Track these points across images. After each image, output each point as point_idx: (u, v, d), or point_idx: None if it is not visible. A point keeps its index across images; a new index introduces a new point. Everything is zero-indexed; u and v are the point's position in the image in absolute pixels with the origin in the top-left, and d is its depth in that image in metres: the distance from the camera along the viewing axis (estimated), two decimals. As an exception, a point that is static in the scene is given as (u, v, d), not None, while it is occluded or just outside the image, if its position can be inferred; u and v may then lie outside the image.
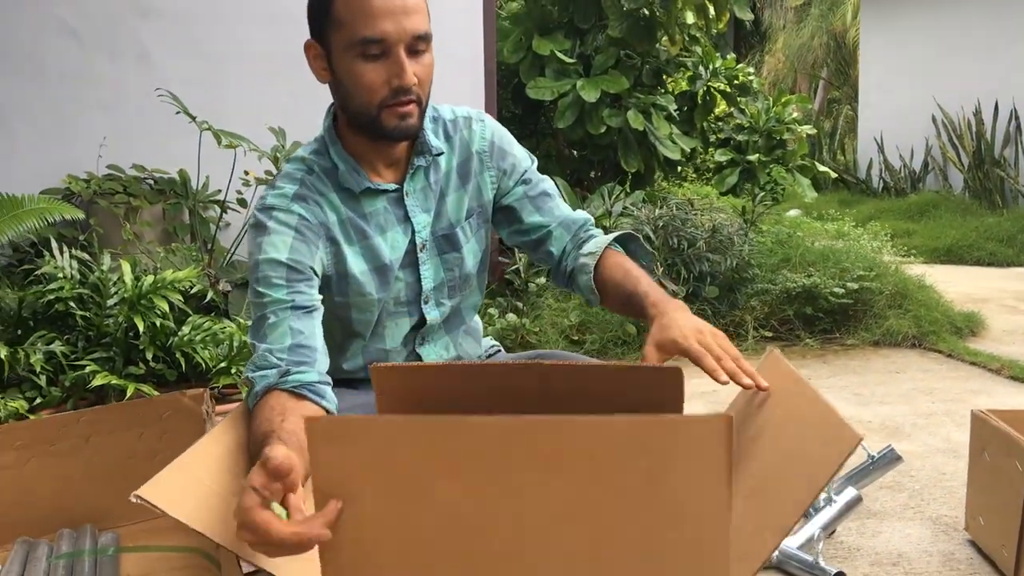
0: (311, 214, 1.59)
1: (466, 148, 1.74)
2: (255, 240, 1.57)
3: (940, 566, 2.03)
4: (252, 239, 1.59)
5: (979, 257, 7.15)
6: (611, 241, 1.73)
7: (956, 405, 3.28)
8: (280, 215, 1.57)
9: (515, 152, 1.80)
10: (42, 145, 4.12)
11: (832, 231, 5.05)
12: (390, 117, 1.53)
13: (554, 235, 1.77)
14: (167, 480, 1.24)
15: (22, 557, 1.85)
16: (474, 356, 1.83)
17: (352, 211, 1.63)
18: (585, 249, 1.73)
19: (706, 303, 4.30)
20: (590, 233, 1.78)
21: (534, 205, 1.78)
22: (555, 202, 1.81)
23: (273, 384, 1.43)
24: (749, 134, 6.59)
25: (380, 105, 1.52)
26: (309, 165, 1.64)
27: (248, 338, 1.60)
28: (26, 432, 1.97)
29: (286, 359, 1.46)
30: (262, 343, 1.49)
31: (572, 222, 1.78)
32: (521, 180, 1.79)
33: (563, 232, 1.78)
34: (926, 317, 4.38)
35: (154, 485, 1.20)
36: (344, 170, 1.62)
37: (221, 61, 4.37)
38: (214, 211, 4.25)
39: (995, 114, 9.16)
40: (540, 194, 1.80)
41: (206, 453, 1.37)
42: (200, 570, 1.84)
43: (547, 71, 5.46)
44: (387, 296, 1.66)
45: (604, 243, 1.71)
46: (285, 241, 1.55)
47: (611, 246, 1.73)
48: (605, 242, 1.72)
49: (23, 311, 3.10)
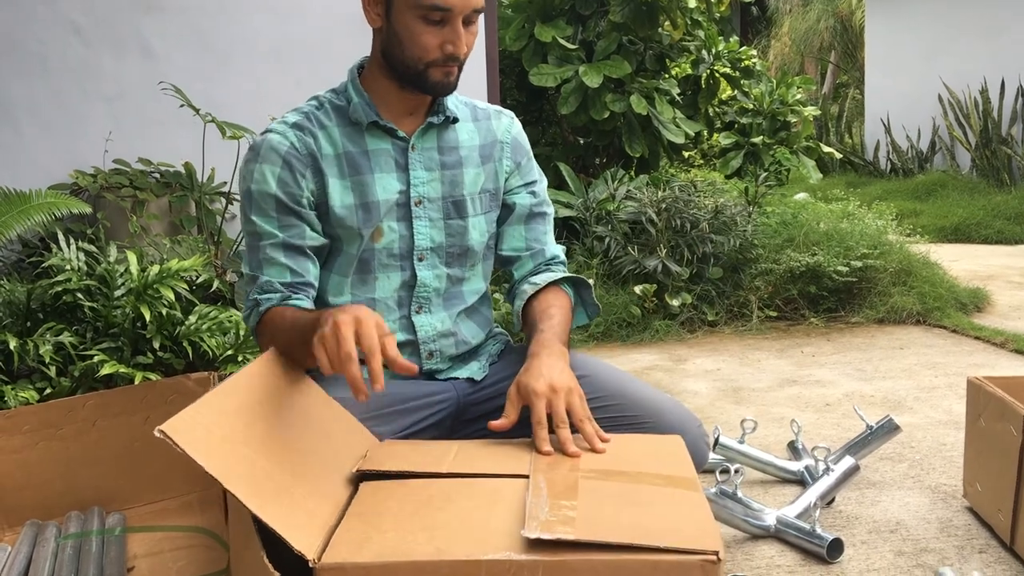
0: (302, 144, 1.69)
1: (491, 134, 1.85)
2: (247, 165, 1.70)
3: (938, 532, 2.05)
4: (245, 163, 1.71)
5: (987, 235, 7.13)
6: (562, 281, 1.84)
7: (959, 379, 3.29)
8: (274, 140, 1.69)
9: (532, 159, 1.92)
10: (48, 140, 4.16)
11: (837, 211, 5.04)
12: (436, 73, 1.65)
13: (520, 261, 1.88)
14: (190, 419, 1.26)
15: (31, 539, 1.89)
16: (473, 341, 1.86)
17: (353, 146, 1.72)
18: (533, 279, 1.84)
19: (710, 284, 4.32)
20: (548, 267, 1.88)
21: (527, 225, 1.88)
22: (546, 227, 1.92)
23: (276, 304, 1.64)
24: (753, 117, 6.58)
25: (429, 63, 1.63)
26: (321, 101, 1.76)
27: (243, 265, 1.74)
28: (33, 417, 2.01)
29: (287, 288, 1.66)
30: (261, 274, 1.68)
31: (541, 254, 1.88)
32: (529, 188, 1.89)
33: (529, 261, 1.88)
34: (931, 294, 4.38)
35: (176, 423, 1.23)
36: (357, 103, 1.72)
37: (224, 53, 4.40)
38: (220, 203, 4.28)
39: (1001, 92, 9.12)
40: (541, 214, 1.90)
41: (230, 396, 1.39)
42: (206, 549, 1.88)
43: (549, 58, 5.47)
44: (368, 231, 1.72)
45: (549, 279, 1.83)
46: (274, 171, 1.67)
47: (561, 286, 1.84)
48: (551, 279, 1.83)
49: (32, 303, 3.13)
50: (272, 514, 1.20)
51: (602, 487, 1.33)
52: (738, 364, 3.66)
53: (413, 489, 1.36)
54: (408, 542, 1.18)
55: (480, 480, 1.38)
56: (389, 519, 1.26)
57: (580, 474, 1.37)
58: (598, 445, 1.48)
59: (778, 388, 3.30)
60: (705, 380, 3.44)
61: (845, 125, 12.35)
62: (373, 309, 1.73)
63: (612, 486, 1.34)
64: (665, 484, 1.36)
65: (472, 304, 1.86)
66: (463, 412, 1.80)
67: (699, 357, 3.80)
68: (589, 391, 1.70)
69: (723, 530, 2.00)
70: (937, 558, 1.92)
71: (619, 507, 1.26)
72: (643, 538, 1.15)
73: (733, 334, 4.18)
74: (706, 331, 4.23)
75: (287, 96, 4.32)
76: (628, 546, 1.14)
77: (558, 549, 1.14)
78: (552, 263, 1.89)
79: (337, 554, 1.16)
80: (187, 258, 3.44)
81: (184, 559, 1.85)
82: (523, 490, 1.32)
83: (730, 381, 3.41)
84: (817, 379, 3.40)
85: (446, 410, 1.78)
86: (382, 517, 1.27)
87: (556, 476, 1.37)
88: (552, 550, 1.14)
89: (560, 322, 1.73)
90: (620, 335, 4.09)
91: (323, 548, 1.18)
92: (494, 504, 1.29)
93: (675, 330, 4.16)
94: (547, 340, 1.66)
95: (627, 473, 1.39)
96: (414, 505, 1.29)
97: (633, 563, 1.13)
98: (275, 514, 1.21)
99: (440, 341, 1.81)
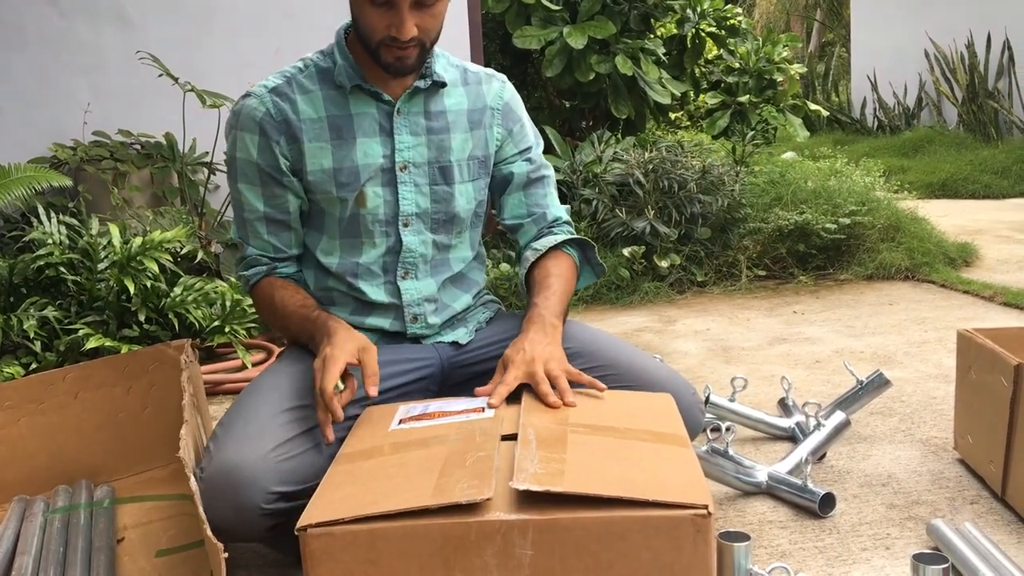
0: (277, 109, 1.70)
1: (480, 99, 1.82)
2: (230, 131, 1.74)
3: (929, 484, 2.04)
4: (228, 127, 1.75)
5: (974, 190, 7.11)
6: (564, 243, 1.84)
7: (948, 333, 3.29)
8: (250, 107, 1.71)
9: (525, 123, 1.89)
10: (25, 114, 4.11)
11: (825, 169, 5.01)
12: (386, 54, 1.63)
13: (524, 228, 1.87)
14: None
15: (19, 514, 1.87)
16: (458, 307, 1.85)
17: (336, 109, 1.71)
18: (535, 244, 1.84)
19: (699, 244, 4.30)
20: (552, 230, 1.87)
21: (526, 191, 1.87)
22: (547, 190, 1.90)
23: (264, 274, 1.77)
24: (739, 75, 6.54)
25: (378, 43, 1.61)
26: (306, 63, 1.75)
27: (232, 230, 1.84)
28: (13, 392, 1.99)
29: (272, 258, 1.77)
30: (248, 245, 1.78)
31: (543, 218, 1.87)
32: (524, 155, 1.87)
33: (532, 226, 1.87)
34: (919, 249, 4.37)
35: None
36: (342, 65, 1.70)
37: (201, 21, 4.34)
38: (202, 173, 4.24)
39: (988, 46, 9.08)
40: (540, 179, 1.89)
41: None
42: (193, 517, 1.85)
43: (533, 19, 5.40)
44: (349, 196, 1.72)
45: (551, 243, 1.83)
46: (253, 139, 1.70)
47: (563, 248, 1.84)
48: (553, 242, 1.83)
49: (14, 278, 3.10)
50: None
51: (591, 441, 1.33)
52: (728, 323, 3.65)
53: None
54: (394, 500, 1.17)
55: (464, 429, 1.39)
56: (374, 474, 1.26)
57: (569, 428, 1.37)
58: (567, 398, 1.49)
59: (768, 346, 3.29)
60: (695, 340, 3.43)
61: (832, 83, 12.30)
62: (357, 274, 1.75)
63: (601, 440, 1.33)
64: (655, 440, 1.35)
65: (459, 271, 1.85)
66: (448, 376, 1.79)
67: (689, 317, 3.79)
68: (584, 362, 1.70)
69: (715, 487, 1.99)
70: (929, 510, 1.92)
71: (607, 461, 1.26)
72: (633, 491, 1.14)
73: (722, 294, 4.17)
74: (695, 292, 4.21)
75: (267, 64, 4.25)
76: (618, 500, 1.13)
77: (547, 506, 1.13)
78: (555, 225, 1.88)
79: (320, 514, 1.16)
80: (170, 230, 3.41)
81: (174, 528, 1.84)
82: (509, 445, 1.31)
83: (720, 340, 3.40)
84: (807, 336, 3.39)
85: (430, 373, 1.77)
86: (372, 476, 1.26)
87: (544, 428, 1.36)
88: (541, 507, 1.13)
89: (556, 291, 1.73)
90: (609, 297, 4.07)
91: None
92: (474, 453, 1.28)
93: (664, 291, 4.14)
94: (537, 315, 1.67)
95: (616, 428, 1.38)
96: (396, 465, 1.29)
97: (624, 519, 1.13)
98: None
99: (425, 305, 1.80)
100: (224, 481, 1.44)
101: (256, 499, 1.44)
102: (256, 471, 1.44)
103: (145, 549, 1.76)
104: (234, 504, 1.43)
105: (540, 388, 1.50)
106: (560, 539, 1.12)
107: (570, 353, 1.69)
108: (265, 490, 1.44)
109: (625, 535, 1.12)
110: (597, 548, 1.12)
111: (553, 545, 1.12)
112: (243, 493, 1.43)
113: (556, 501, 1.13)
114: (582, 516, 1.12)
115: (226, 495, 1.43)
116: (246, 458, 1.45)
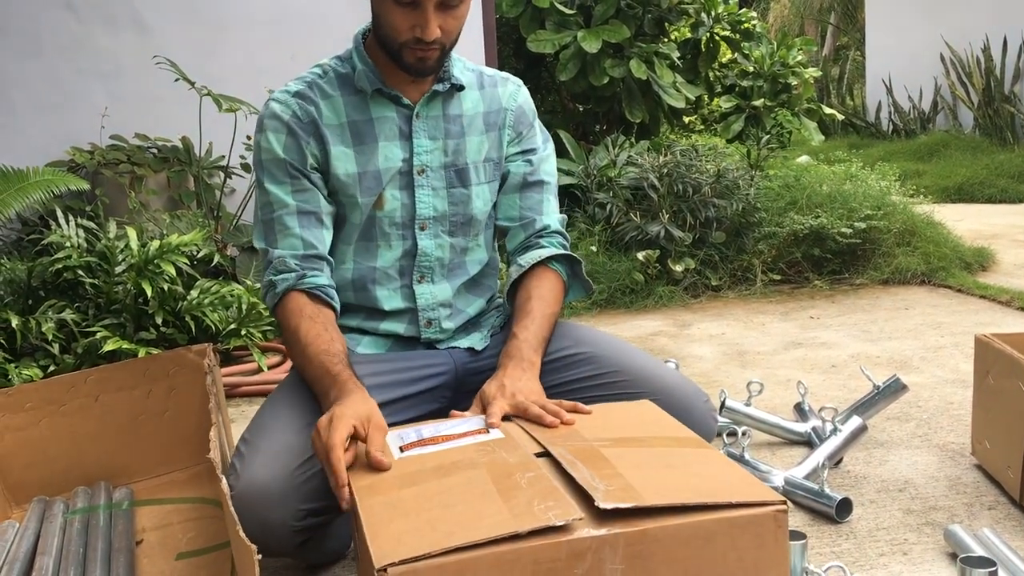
0: (303, 111, 1.70)
1: (496, 101, 1.83)
2: (256, 139, 1.72)
3: (947, 490, 2.04)
4: (255, 138, 1.74)
5: (990, 194, 7.07)
6: (550, 259, 1.80)
7: (965, 337, 3.28)
8: (276, 109, 1.70)
9: (535, 129, 1.89)
10: (43, 118, 4.14)
11: (840, 173, 5.00)
12: (408, 55, 1.63)
13: (512, 232, 1.86)
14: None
15: (39, 515, 1.89)
16: (472, 312, 1.85)
17: (358, 114, 1.71)
18: (520, 259, 1.81)
19: (713, 248, 4.30)
20: (539, 241, 1.84)
21: (522, 194, 1.85)
22: (544, 196, 1.87)
23: (292, 286, 1.66)
24: (754, 79, 6.53)
25: (402, 44, 1.61)
26: (325, 69, 1.75)
27: (255, 240, 1.74)
28: (35, 394, 2.00)
29: (301, 265, 1.67)
30: (275, 248, 1.69)
31: (532, 224, 1.84)
32: (525, 156, 1.85)
33: (520, 232, 1.85)
34: (935, 254, 4.36)
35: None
36: (362, 70, 1.71)
37: (218, 26, 4.36)
38: (218, 177, 4.26)
39: (1004, 50, 9.04)
40: (538, 183, 1.86)
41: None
42: (215, 520, 1.87)
43: (547, 23, 5.41)
44: (370, 200, 1.72)
45: (536, 259, 1.79)
46: (279, 138, 1.69)
47: (550, 264, 1.79)
48: (538, 258, 1.79)
49: (32, 281, 3.13)
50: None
51: (626, 453, 1.30)
52: (743, 328, 3.65)
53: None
54: (476, 529, 1.10)
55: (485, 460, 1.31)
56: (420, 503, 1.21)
57: (594, 443, 1.34)
58: (565, 416, 1.44)
59: (783, 351, 3.29)
60: (710, 345, 3.42)
61: (846, 87, 12.27)
62: (373, 279, 1.74)
63: (635, 452, 1.31)
64: (679, 445, 1.34)
65: (474, 275, 1.85)
66: (463, 383, 1.78)
67: (703, 322, 3.79)
68: (594, 367, 1.69)
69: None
70: (946, 516, 1.91)
71: (659, 470, 1.24)
72: (713, 495, 1.14)
73: (737, 298, 4.17)
74: (710, 296, 4.21)
75: (283, 68, 4.27)
76: (698, 506, 1.12)
77: (631, 518, 1.11)
78: (544, 234, 1.84)
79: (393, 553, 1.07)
80: (187, 233, 3.42)
81: (193, 531, 1.85)
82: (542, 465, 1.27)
83: (735, 345, 3.40)
84: (823, 341, 3.39)
85: (444, 380, 1.77)
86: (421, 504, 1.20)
87: (571, 446, 1.32)
88: (626, 520, 1.11)
89: (536, 318, 1.69)
90: (624, 302, 4.07)
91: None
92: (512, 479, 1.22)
93: (679, 295, 4.14)
94: (516, 349, 1.63)
95: (635, 438, 1.37)
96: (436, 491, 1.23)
97: (711, 523, 1.12)
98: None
99: (439, 310, 1.80)
100: (255, 499, 1.44)
101: (287, 518, 1.45)
102: (285, 490, 1.45)
103: (164, 551, 1.77)
104: (264, 522, 1.44)
105: (531, 412, 1.45)
106: (650, 550, 1.10)
107: (578, 359, 1.69)
108: (295, 508, 1.46)
109: (711, 538, 1.12)
110: (685, 555, 1.11)
111: (643, 557, 1.10)
112: (274, 512, 1.44)
113: (636, 514, 1.12)
114: (669, 524, 1.11)
115: (256, 513, 1.43)
116: (276, 476, 1.46)
